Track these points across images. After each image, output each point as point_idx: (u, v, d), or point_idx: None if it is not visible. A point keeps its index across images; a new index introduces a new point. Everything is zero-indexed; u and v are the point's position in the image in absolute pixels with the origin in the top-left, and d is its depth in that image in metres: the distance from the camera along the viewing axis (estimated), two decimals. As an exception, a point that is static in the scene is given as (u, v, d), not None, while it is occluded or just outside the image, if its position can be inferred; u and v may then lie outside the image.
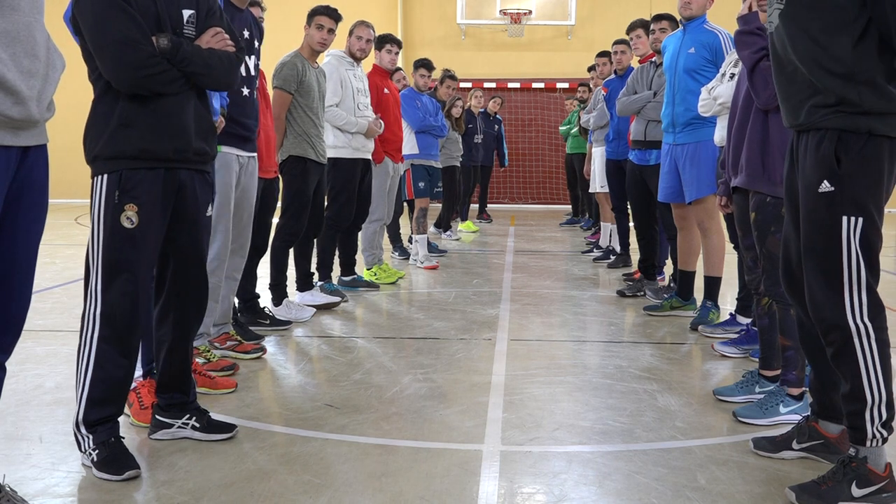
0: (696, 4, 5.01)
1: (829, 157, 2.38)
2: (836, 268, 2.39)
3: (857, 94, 2.33)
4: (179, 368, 2.97)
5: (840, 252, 2.38)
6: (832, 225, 2.39)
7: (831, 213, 2.39)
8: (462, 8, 15.25)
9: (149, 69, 2.62)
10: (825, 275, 2.41)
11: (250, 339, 4.31)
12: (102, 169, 2.69)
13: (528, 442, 2.99)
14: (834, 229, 2.38)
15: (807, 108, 2.42)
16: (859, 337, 2.37)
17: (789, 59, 2.47)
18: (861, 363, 2.37)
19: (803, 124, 2.46)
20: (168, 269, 2.89)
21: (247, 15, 4.01)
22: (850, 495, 2.40)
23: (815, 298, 2.44)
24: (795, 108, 2.47)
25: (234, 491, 2.52)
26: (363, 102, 5.87)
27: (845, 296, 2.38)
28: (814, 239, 2.44)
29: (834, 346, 2.42)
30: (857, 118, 2.34)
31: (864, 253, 2.38)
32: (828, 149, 2.38)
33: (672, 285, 5.74)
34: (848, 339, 2.38)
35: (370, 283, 6.34)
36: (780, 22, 2.47)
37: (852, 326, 2.37)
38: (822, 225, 2.41)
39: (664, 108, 5.14)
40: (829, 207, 2.39)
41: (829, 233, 2.39)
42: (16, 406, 3.31)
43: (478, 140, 11.28)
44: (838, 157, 2.37)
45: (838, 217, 2.38)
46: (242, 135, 3.96)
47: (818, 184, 2.40)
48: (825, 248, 2.41)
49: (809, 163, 2.44)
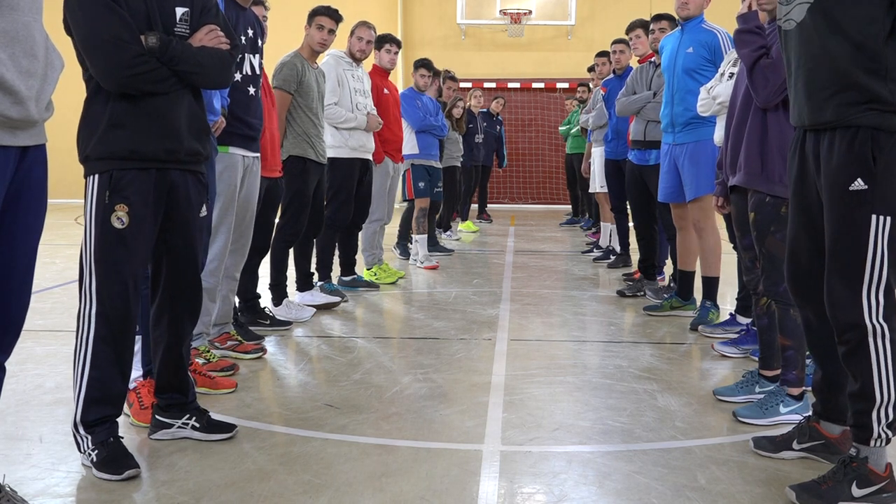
0: (694, 4, 5.01)
1: (864, 155, 2.33)
2: (858, 266, 2.36)
3: (888, 91, 2.31)
4: (176, 369, 2.97)
5: (865, 251, 2.35)
6: (862, 224, 2.35)
7: (862, 212, 2.35)
8: (462, 8, 15.24)
9: (136, 68, 2.61)
10: (847, 273, 2.38)
11: (250, 339, 4.31)
12: (93, 169, 2.68)
13: (528, 442, 2.98)
14: (863, 228, 2.35)
15: (834, 105, 2.38)
16: (874, 337, 2.36)
17: (812, 55, 2.42)
18: (874, 363, 2.36)
19: (830, 122, 2.40)
20: (162, 270, 2.88)
21: (250, 14, 4.01)
22: (851, 495, 2.40)
23: (834, 297, 2.42)
24: (819, 106, 2.42)
25: (234, 491, 2.52)
26: (361, 102, 5.86)
27: (863, 295, 2.36)
28: (840, 238, 2.40)
29: (849, 344, 2.40)
30: (890, 116, 2.32)
31: (891, 253, 2.35)
32: (863, 146, 2.34)
33: (672, 285, 5.74)
34: (863, 339, 2.37)
35: (370, 283, 6.34)
36: (808, 17, 2.42)
37: (868, 326, 2.36)
38: (851, 223, 2.37)
39: (663, 108, 5.14)
40: (861, 206, 2.35)
41: (858, 231, 2.36)
42: (16, 406, 3.31)
43: (478, 140, 11.28)
44: (873, 155, 2.33)
45: (868, 216, 2.34)
46: (248, 134, 3.95)
47: (849, 182, 2.35)
48: (851, 246, 2.37)
49: (839, 161, 2.39)
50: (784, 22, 2.54)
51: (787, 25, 2.53)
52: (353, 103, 5.79)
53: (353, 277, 6.24)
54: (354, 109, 5.78)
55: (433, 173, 7.63)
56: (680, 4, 5.02)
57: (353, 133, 5.76)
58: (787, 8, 2.52)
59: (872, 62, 2.32)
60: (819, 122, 2.45)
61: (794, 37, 2.50)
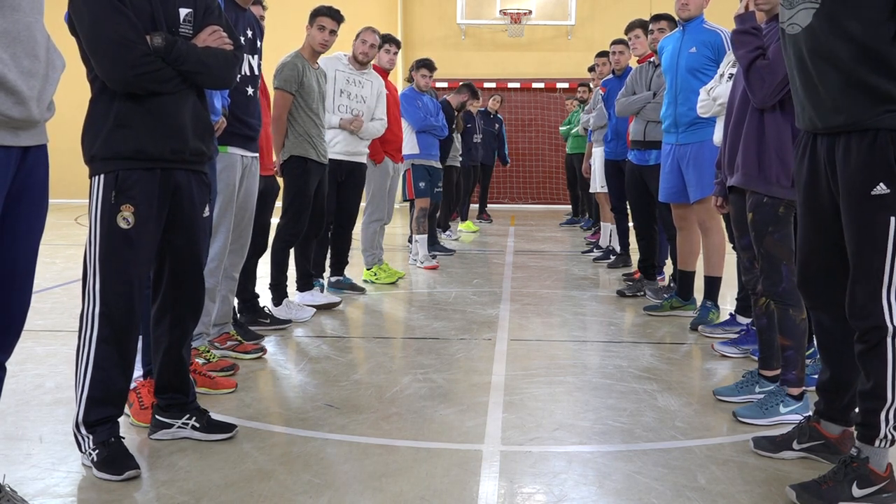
0: (694, 5, 5.01)
1: (887, 158, 2.31)
2: (879, 269, 2.35)
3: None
4: (177, 369, 2.97)
5: (885, 254, 2.33)
6: (884, 227, 2.33)
7: (884, 216, 2.33)
8: (462, 8, 15.25)
9: (142, 68, 2.61)
10: (870, 277, 2.37)
11: (250, 339, 4.31)
12: (99, 169, 2.68)
13: (528, 442, 2.99)
14: (885, 231, 2.33)
15: (848, 108, 2.36)
16: (892, 337, 2.36)
17: (822, 59, 2.40)
18: (889, 363, 2.36)
19: (846, 125, 2.38)
20: (164, 270, 2.88)
21: (249, 15, 4.01)
22: (851, 495, 2.40)
23: (857, 302, 2.40)
24: (833, 110, 2.39)
25: (234, 491, 2.52)
26: (345, 104, 5.81)
27: (883, 296, 2.35)
28: (861, 242, 2.38)
29: (867, 343, 2.39)
30: None
31: None
32: (885, 150, 2.31)
33: (672, 285, 5.74)
34: (882, 339, 2.36)
35: (354, 286, 6.13)
36: (814, 21, 2.40)
37: (889, 327, 2.35)
38: (873, 228, 2.35)
39: (666, 109, 5.14)
40: (882, 210, 2.32)
41: (879, 235, 2.34)
42: (16, 406, 3.31)
43: (477, 140, 11.28)
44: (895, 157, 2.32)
45: (888, 219, 2.32)
46: (247, 134, 3.96)
47: (871, 186, 2.33)
48: (872, 250, 2.35)
49: (858, 164, 2.36)
50: (788, 26, 2.52)
51: (791, 30, 2.50)
52: (336, 105, 5.76)
53: (339, 279, 6.14)
54: (336, 111, 5.75)
55: (433, 173, 7.63)
56: (680, 6, 5.02)
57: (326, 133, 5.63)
58: (791, 12, 2.49)
59: (882, 64, 2.30)
60: (833, 126, 2.42)
61: (800, 41, 2.47)
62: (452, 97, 8.74)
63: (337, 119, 5.73)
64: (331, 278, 6.11)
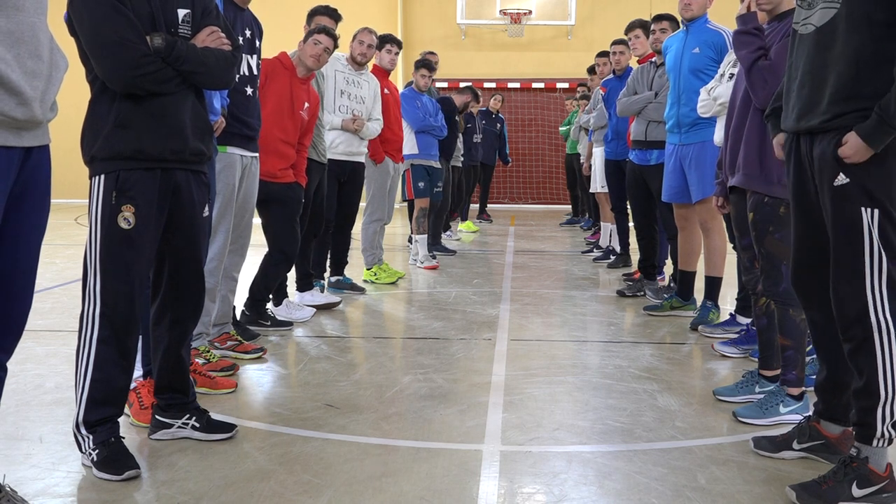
0: (697, 5, 5.01)
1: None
2: (858, 261, 2.37)
3: None
4: (176, 369, 2.97)
5: (862, 245, 2.36)
6: (854, 218, 2.36)
7: (852, 207, 2.36)
8: (462, 8, 15.26)
9: (143, 68, 2.62)
10: (849, 269, 2.39)
11: (250, 339, 4.31)
12: (99, 170, 2.69)
13: (528, 442, 2.99)
14: (855, 222, 2.36)
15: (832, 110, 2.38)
16: (879, 333, 2.36)
17: (835, 60, 2.39)
18: (879, 359, 2.37)
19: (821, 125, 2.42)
20: (164, 270, 2.88)
21: (248, 15, 4.01)
22: (851, 495, 2.40)
23: (840, 294, 2.42)
24: (822, 112, 2.41)
25: (234, 491, 2.52)
26: (345, 105, 5.80)
27: (867, 288, 2.37)
28: (837, 235, 2.42)
29: (854, 341, 2.40)
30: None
31: (885, 243, 2.35)
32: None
33: (672, 285, 5.74)
34: (868, 335, 2.37)
35: (354, 286, 6.14)
36: (831, 21, 2.39)
37: (874, 322, 2.36)
38: (843, 219, 2.39)
39: (668, 109, 5.14)
40: (848, 200, 2.36)
41: (851, 226, 2.37)
42: (16, 406, 3.31)
43: (477, 139, 11.28)
44: None
45: (857, 210, 2.36)
46: (246, 134, 3.96)
47: (833, 177, 2.38)
48: (848, 242, 2.38)
49: (827, 159, 2.41)
50: (802, 25, 2.51)
51: (804, 29, 2.50)
52: (336, 106, 5.77)
53: (339, 279, 6.13)
54: (337, 111, 5.76)
55: (433, 173, 7.62)
56: (683, 6, 5.02)
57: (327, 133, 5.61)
58: (809, 12, 2.48)
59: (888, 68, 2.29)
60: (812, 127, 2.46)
61: (812, 40, 2.47)
62: (456, 96, 8.73)
63: (338, 120, 5.74)
64: (331, 278, 6.11)
